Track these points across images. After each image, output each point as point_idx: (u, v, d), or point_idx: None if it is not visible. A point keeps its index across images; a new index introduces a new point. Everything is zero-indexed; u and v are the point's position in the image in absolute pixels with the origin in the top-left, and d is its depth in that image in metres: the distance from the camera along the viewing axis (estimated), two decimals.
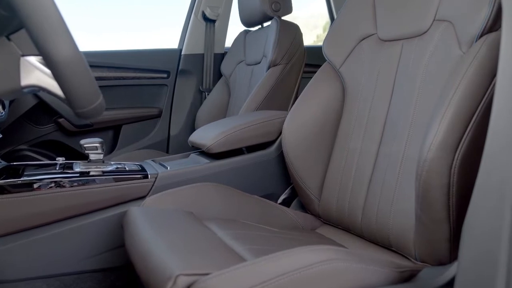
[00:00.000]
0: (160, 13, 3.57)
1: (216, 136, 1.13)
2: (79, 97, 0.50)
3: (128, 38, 3.64)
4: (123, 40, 3.70)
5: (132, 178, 1.00)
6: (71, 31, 0.46)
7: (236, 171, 1.15)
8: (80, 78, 0.48)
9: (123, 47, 1.91)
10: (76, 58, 0.47)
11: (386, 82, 0.98)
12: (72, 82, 0.48)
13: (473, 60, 0.72)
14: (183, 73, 1.97)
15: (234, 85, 1.86)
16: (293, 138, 1.09)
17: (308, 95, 1.13)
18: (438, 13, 0.88)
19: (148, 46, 1.98)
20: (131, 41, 3.72)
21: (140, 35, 3.32)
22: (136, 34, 3.44)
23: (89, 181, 0.96)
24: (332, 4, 2.42)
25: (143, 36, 3.55)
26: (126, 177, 1.00)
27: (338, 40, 1.13)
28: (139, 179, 1.01)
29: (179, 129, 1.97)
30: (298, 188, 1.12)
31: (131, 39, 3.33)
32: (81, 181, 0.96)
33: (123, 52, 1.85)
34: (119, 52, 1.85)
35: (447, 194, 0.70)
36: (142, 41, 3.82)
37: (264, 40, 1.67)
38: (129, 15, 3.43)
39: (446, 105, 0.70)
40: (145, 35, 3.40)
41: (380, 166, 0.94)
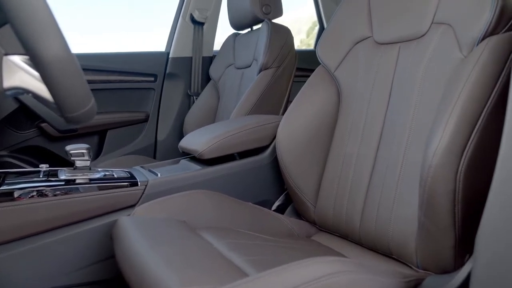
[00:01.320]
0: (153, 13, 3.52)
1: (208, 141, 1.09)
2: (69, 101, 0.46)
3: (120, 39, 3.58)
4: (120, 41, 3.63)
5: (121, 186, 0.95)
6: (60, 28, 0.42)
7: (229, 178, 1.11)
8: (71, 79, 0.44)
9: (119, 48, 1.86)
10: (67, 57, 0.43)
11: (383, 86, 0.96)
12: (62, 84, 0.44)
13: (476, 63, 0.71)
14: (170, 77, 1.93)
15: (223, 89, 1.82)
16: (287, 143, 1.06)
17: (302, 99, 1.11)
18: (436, 16, 0.87)
19: (142, 48, 1.94)
20: (126, 41, 3.65)
21: (135, 35, 3.26)
22: (130, 34, 3.37)
23: (75, 189, 0.91)
24: (320, 8, 2.41)
25: (136, 36, 3.49)
26: (115, 185, 0.95)
27: (332, 43, 1.11)
28: (129, 186, 0.96)
29: (166, 134, 1.92)
30: (293, 194, 1.09)
31: (124, 40, 3.26)
32: (67, 190, 0.90)
33: (109, 55, 1.80)
34: (104, 55, 1.79)
35: (453, 200, 0.68)
36: (138, 41, 3.75)
37: (255, 43, 1.64)
38: (121, 16, 3.37)
39: (450, 109, 0.69)
40: (141, 35, 3.34)
41: (379, 171, 0.92)
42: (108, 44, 3.43)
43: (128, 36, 3.31)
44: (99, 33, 3.21)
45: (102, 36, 3.32)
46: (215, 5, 1.94)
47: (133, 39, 3.45)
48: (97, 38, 3.43)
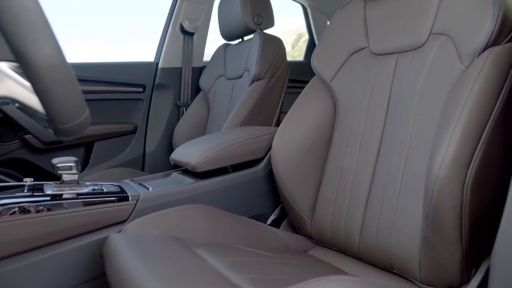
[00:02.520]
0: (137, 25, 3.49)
1: (202, 153, 1.06)
2: (62, 111, 0.42)
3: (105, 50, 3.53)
4: (101, 51, 3.58)
5: (111, 200, 0.91)
6: (54, 30, 0.39)
7: (223, 191, 1.07)
8: (65, 88, 0.41)
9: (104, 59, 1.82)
10: (61, 63, 0.39)
11: (381, 97, 0.95)
12: (55, 93, 0.40)
13: (479, 74, 0.70)
14: (159, 87, 1.89)
15: (213, 100, 1.79)
16: (283, 155, 1.04)
17: (297, 109, 1.08)
18: (434, 27, 0.86)
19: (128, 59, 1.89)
20: (111, 53, 3.60)
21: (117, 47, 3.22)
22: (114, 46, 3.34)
23: (62, 205, 0.86)
24: (310, 20, 2.41)
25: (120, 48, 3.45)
26: (104, 199, 0.90)
27: (327, 53, 1.09)
28: (119, 201, 0.92)
29: (155, 146, 1.87)
30: (289, 208, 1.06)
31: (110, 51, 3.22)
32: (53, 206, 0.85)
33: (96, 65, 1.75)
34: (92, 65, 1.75)
35: (460, 214, 0.66)
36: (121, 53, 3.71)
37: (246, 54, 1.62)
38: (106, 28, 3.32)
39: (455, 121, 0.67)
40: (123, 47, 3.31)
41: (378, 183, 0.89)
42: (90, 53, 3.38)
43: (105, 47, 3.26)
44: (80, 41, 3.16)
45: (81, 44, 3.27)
46: (205, 15, 1.92)
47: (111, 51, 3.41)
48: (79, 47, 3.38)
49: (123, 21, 3.29)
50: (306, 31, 2.52)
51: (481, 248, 0.73)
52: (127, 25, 3.39)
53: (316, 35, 2.44)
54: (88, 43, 3.27)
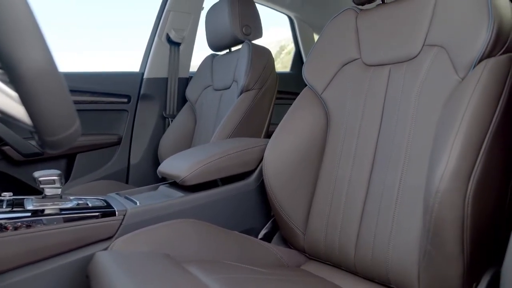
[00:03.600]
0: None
1: (192, 166, 1.02)
2: (51, 122, 0.39)
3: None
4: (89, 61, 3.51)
5: (97, 216, 0.86)
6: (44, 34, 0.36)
7: (213, 205, 1.04)
8: (55, 97, 0.37)
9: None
10: (52, 70, 0.36)
11: (374, 108, 0.94)
12: (44, 102, 0.37)
13: (476, 85, 0.69)
14: (145, 98, 1.85)
15: (200, 111, 1.76)
16: (275, 167, 1.01)
17: (289, 121, 1.07)
18: (428, 38, 0.86)
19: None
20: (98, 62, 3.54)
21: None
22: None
23: (44, 221, 0.81)
24: (297, 32, 2.42)
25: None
26: (90, 215, 0.86)
27: (319, 64, 1.08)
28: (105, 217, 0.87)
29: (140, 158, 1.83)
30: (281, 221, 1.04)
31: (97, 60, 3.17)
32: (34, 222, 0.80)
33: (80, 74, 1.70)
34: (75, 74, 1.70)
35: (461, 227, 0.64)
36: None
37: (234, 64, 1.60)
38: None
39: (454, 133, 0.66)
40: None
41: (373, 195, 0.88)
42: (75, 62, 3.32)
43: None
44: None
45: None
46: (192, 25, 1.90)
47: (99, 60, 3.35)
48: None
49: (108, 31, 3.24)
50: (288, 43, 2.53)
51: (482, 261, 0.72)
52: (112, 35, 3.34)
53: (303, 46, 2.45)
54: (67, 53, 3.22)
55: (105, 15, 3.16)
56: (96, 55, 3.30)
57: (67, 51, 3.33)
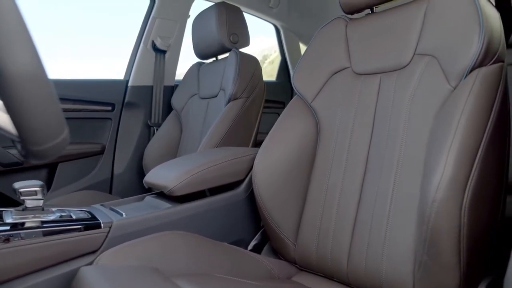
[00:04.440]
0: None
1: (180, 176, 0.99)
2: (39, 131, 0.36)
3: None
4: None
5: (81, 228, 0.83)
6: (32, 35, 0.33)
7: (202, 216, 1.01)
8: (43, 104, 0.35)
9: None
10: (40, 74, 0.33)
11: (365, 116, 0.93)
12: (32, 109, 0.34)
13: (469, 94, 0.69)
14: (129, 106, 1.82)
15: (186, 120, 1.74)
16: (265, 177, 0.99)
17: (279, 130, 1.05)
18: (418, 47, 0.86)
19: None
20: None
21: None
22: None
23: (24, 235, 0.77)
24: (283, 40, 2.43)
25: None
26: (73, 228, 0.82)
27: (309, 73, 1.08)
28: (90, 229, 0.83)
29: (124, 168, 1.78)
30: (271, 232, 1.01)
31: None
32: (13, 236, 0.76)
33: (62, 81, 1.66)
34: (57, 81, 1.65)
35: (458, 237, 0.64)
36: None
37: (221, 73, 1.58)
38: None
39: (449, 141, 0.66)
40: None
41: (366, 204, 0.87)
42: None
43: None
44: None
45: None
46: (178, 33, 1.88)
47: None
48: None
49: (91, 37, 3.18)
50: (271, 53, 2.54)
51: (478, 270, 0.71)
52: (95, 41, 3.29)
53: (289, 56, 2.45)
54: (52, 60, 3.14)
55: (84, 21, 3.10)
56: (73, 62, 3.23)
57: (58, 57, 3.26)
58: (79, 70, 3.55)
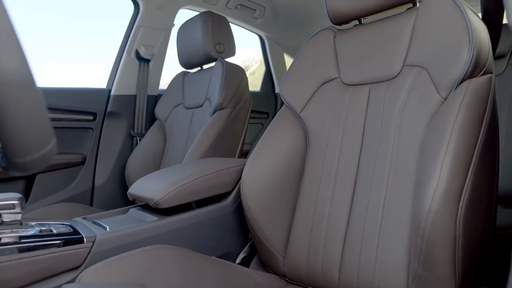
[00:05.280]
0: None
1: (166, 188, 0.96)
2: (23, 141, 0.33)
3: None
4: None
5: (63, 243, 0.79)
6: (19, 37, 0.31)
7: (189, 229, 0.98)
8: (30, 111, 0.32)
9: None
10: (27, 79, 0.31)
11: (355, 127, 0.93)
12: (16, 118, 0.32)
13: (461, 105, 0.70)
14: (111, 116, 1.77)
15: (171, 130, 1.70)
16: (254, 188, 0.98)
17: (267, 140, 1.04)
18: (407, 58, 0.87)
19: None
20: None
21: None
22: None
23: (1, 251, 0.73)
24: (267, 50, 2.43)
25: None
26: (54, 243, 0.78)
27: (297, 83, 1.07)
28: (72, 244, 0.80)
29: (105, 179, 1.73)
30: (260, 245, 0.99)
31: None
32: None
33: (41, 89, 1.60)
34: None
35: (453, 248, 0.63)
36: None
37: (207, 82, 1.57)
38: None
39: (443, 152, 0.65)
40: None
41: (357, 216, 0.86)
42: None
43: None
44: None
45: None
46: (162, 42, 1.86)
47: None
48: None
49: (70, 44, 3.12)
50: (252, 64, 2.54)
51: (473, 281, 0.71)
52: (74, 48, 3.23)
53: (273, 66, 2.46)
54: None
55: (63, 28, 3.05)
56: (51, 68, 3.16)
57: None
58: (60, 75, 3.48)
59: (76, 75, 3.89)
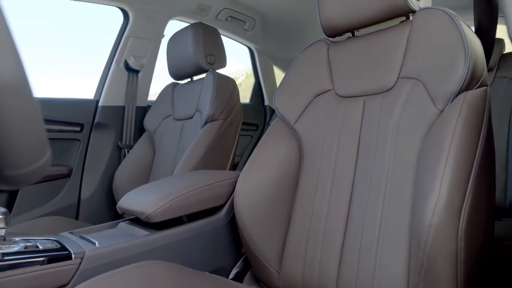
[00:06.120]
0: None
1: (158, 201, 0.94)
2: (17, 153, 0.31)
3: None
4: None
5: (49, 260, 0.75)
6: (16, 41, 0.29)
7: (181, 243, 0.95)
8: (25, 121, 0.30)
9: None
10: (22, 86, 0.29)
11: (350, 139, 0.92)
12: (10, 128, 0.29)
13: (458, 117, 0.70)
14: (99, 127, 1.74)
15: (160, 142, 1.68)
16: (248, 201, 0.96)
17: (261, 152, 1.02)
18: (402, 71, 0.87)
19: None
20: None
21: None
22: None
23: None
24: (257, 63, 2.43)
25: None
26: (40, 260, 0.74)
27: (290, 95, 1.06)
28: (59, 261, 0.76)
29: (92, 192, 1.68)
30: (253, 259, 0.97)
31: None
32: None
33: None
34: None
35: (455, 262, 0.62)
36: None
37: (198, 94, 1.55)
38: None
39: (443, 165, 0.65)
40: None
41: (354, 230, 0.84)
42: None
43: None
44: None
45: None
46: (152, 52, 1.84)
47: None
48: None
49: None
50: (239, 76, 2.54)
51: None
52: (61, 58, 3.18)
53: (262, 78, 2.46)
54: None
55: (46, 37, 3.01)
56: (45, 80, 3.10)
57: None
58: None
59: (67, 86, 3.84)
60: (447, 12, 0.80)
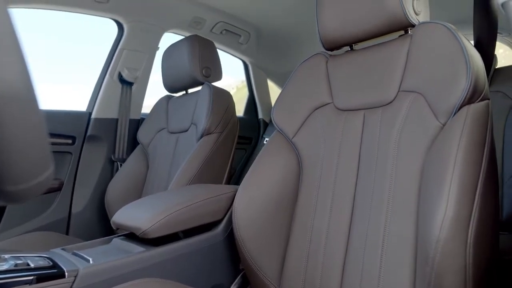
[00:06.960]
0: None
1: (154, 217, 0.91)
2: (20, 165, 0.29)
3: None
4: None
5: (41, 279, 0.72)
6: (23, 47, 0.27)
7: (178, 260, 0.92)
8: (29, 133, 0.28)
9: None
10: (28, 96, 0.27)
11: (350, 153, 0.91)
12: (14, 140, 0.27)
13: (462, 131, 0.69)
14: (92, 140, 1.70)
15: (154, 155, 1.65)
16: (246, 216, 0.93)
17: (260, 166, 1.01)
18: (403, 84, 0.86)
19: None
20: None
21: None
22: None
23: None
24: (251, 76, 2.43)
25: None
26: (31, 278, 0.71)
27: (289, 108, 1.05)
28: (51, 279, 0.73)
29: (83, 206, 1.64)
30: (252, 276, 0.94)
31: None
32: None
33: None
34: None
35: (464, 277, 0.61)
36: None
37: (193, 107, 1.53)
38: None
39: (449, 179, 0.64)
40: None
41: (355, 248, 0.83)
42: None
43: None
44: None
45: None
46: (146, 65, 1.82)
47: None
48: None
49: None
50: (229, 90, 2.54)
51: None
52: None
53: (256, 91, 2.45)
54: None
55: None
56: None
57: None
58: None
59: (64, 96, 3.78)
60: (447, 26, 0.81)
